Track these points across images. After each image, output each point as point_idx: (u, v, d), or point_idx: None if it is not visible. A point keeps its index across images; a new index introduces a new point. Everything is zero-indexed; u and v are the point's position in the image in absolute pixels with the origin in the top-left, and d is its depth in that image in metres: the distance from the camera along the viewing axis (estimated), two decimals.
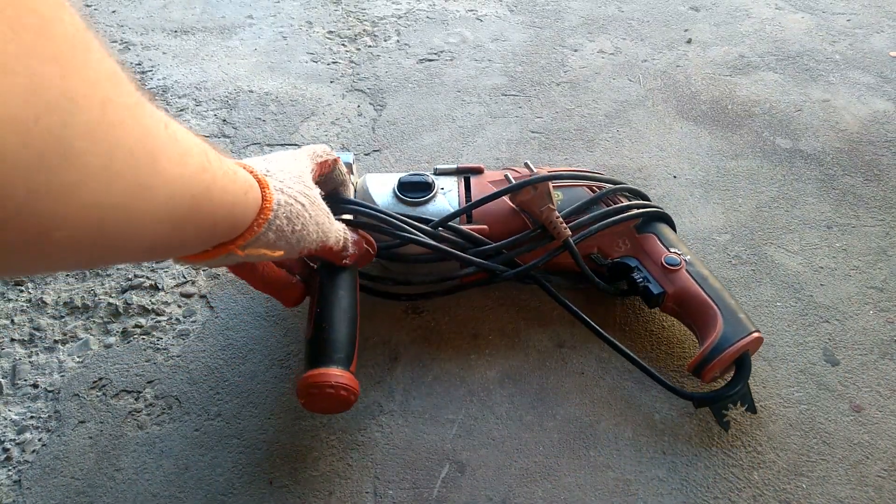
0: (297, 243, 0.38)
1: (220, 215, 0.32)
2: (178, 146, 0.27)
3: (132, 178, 0.24)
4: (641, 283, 0.50)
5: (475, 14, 0.96)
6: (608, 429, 0.47)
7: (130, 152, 0.23)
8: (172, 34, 0.92)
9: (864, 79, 0.81)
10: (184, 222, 0.29)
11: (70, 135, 0.20)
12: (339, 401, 0.41)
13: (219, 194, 0.31)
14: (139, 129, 0.24)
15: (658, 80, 0.82)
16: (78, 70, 0.20)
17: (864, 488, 0.43)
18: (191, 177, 0.28)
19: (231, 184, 0.32)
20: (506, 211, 0.53)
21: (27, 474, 0.45)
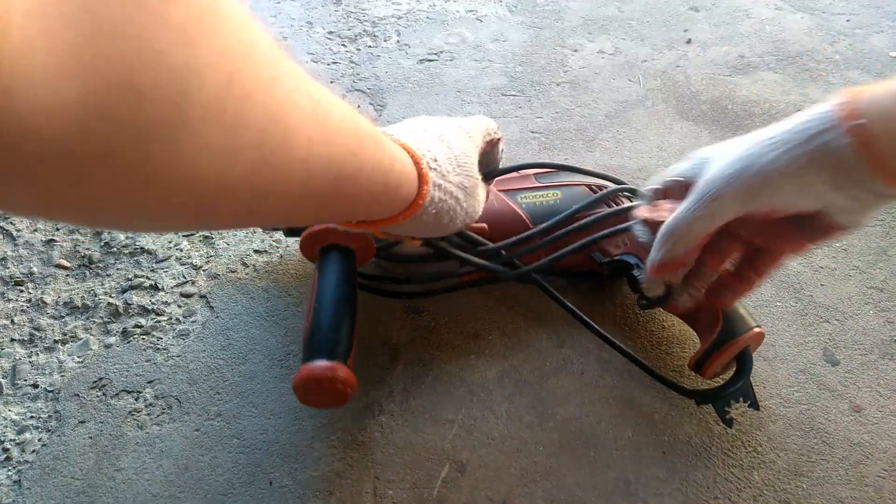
0: (437, 231, 0.38)
1: (361, 203, 0.31)
2: (323, 126, 0.26)
3: (258, 155, 0.22)
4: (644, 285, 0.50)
5: (475, 14, 0.96)
6: (608, 429, 0.47)
7: (258, 129, 0.22)
8: None
9: (864, 79, 0.81)
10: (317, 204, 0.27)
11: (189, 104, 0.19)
12: (336, 394, 0.41)
13: (365, 183, 0.29)
14: (273, 104, 0.23)
15: (658, 81, 0.82)
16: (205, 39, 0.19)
17: (864, 488, 0.43)
18: (333, 160, 0.27)
19: (382, 175, 0.31)
20: (506, 209, 0.53)
21: (27, 474, 0.45)
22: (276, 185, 0.24)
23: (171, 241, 0.62)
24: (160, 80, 0.18)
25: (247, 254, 0.60)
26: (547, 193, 0.54)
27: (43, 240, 0.62)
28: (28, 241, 0.62)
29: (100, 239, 0.62)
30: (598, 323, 0.50)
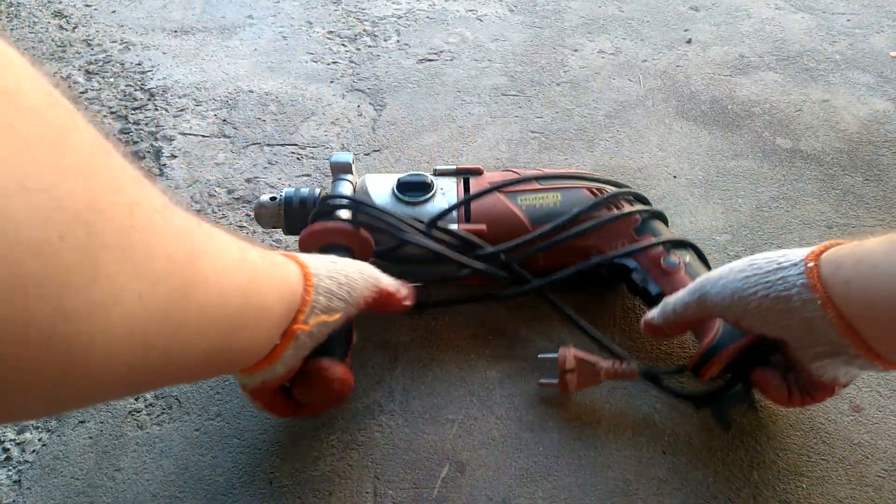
0: (350, 295, 0.38)
1: (271, 299, 0.31)
2: (214, 241, 0.26)
3: (172, 282, 0.21)
4: (641, 284, 0.50)
5: (475, 14, 0.96)
6: (608, 429, 0.47)
7: (167, 256, 0.21)
8: (172, 34, 0.92)
9: (864, 79, 0.81)
10: (238, 317, 0.27)
11: (98, 246, 0.18)
12: (333, 394, 0.41)
13: (264, 278, 0.29)
14: (173, 229, 0.22)
15: (658, 80, 0.82)
16: (101, 177, 0.18)
17: (863, 488, 0.43)
18: (234, 269, 0.27)
19: (270, 265, 0.31)
20: (505, 211, 0.53)
21: (27, 474, 0.45)
22: (196, 309, 0.23)
23: None
24: (65, 230, 0.17)
25: None
26: (547, 196, 0.54)
27: None
28: None
29: None
30: (597, 325, 0.50)
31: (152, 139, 0.74)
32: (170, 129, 0.75)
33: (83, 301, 0.18)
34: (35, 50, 0.88)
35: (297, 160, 0.71)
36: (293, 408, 0.43)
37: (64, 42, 0.90)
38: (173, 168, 0.70)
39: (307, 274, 0.35)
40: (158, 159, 0.71)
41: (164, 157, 0.71)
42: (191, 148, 0.73)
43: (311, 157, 0.71)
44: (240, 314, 0.27)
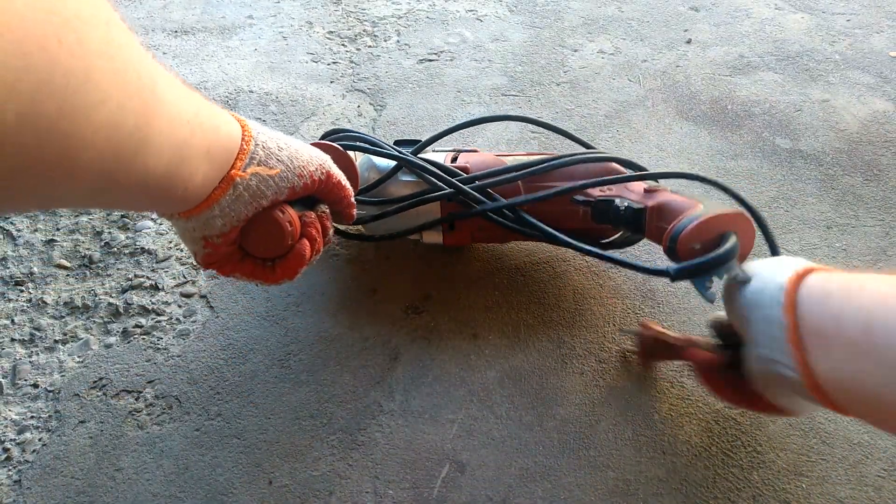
0: (291, 161, 0.38)
1: (213, 139, 0.32)
2: (165, 72, 0.27)
3: (141, 98, 0.23)
4: (624, 209, 0.47)
5: (475, 14, 0.96)
6: (608, 429, 0.47)
7: (138, 73, 0.23)
8: (173, 34, 0.92)
9: (864, 79, 0.81)
10: (185, 147, 0.29)
11: (88, 53, 0.20)
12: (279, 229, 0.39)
13: (207, 119, 0.31)
14: (138, 51, 0.24)
15: (658, 81, 0.82)
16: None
17: (863, 488, 0.44)
18: (184, 102, 0.28)
19: (213, 111, 0.33)
20: (491, 159, 0.54)
21: (27, 474, 0.45)
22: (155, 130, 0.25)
23: (172, 242, 0.62)
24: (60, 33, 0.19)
25: None
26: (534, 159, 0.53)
27: (43, 240, 0.62)
28: (28, 241, 0.62)
29: (100, 239, 0.62)
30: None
31: None
32: None
33: (80, 102, 0.20)
34: None
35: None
36: (249, 265, 0.41)
37: None
38: None
39: (245, 127, 0.36)
40: None
41: None
42: None
43: None
44: (186, 145, 0.29)
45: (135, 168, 0.25)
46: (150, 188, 0.28)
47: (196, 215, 0.35)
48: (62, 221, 0.64)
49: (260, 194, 0.36)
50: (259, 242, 0.39)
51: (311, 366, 0.51)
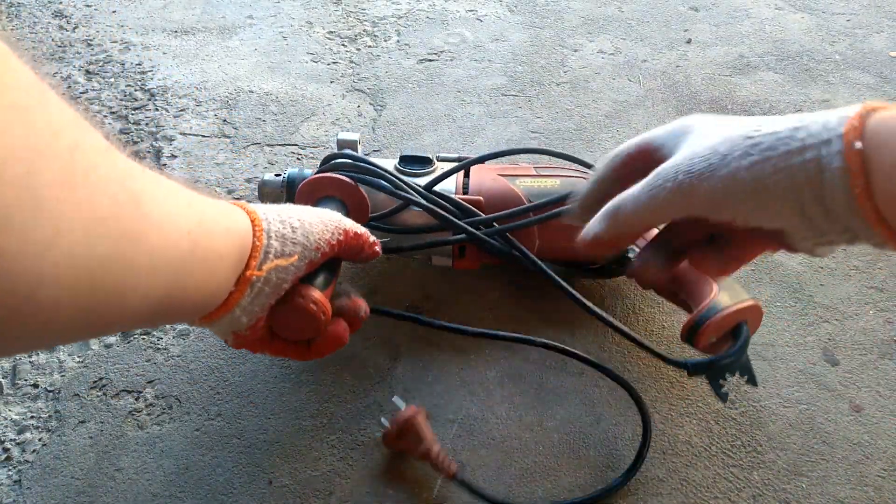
0: (307, 238, 0.37)
1: (221, 244, 0.30)
2: (160, 185, 0.26)
3: (116, 223, 0.22)
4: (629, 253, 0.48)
5: (475, 14, 0.96)
6: (608, 429, 0.47)
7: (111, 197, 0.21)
8: (173, 34, 0.92)
9: (864, 79, 0.82)
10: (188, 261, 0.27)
11: (38, 184, 0.18)
12: (308, 317, 0.38)
13: (212, 224, 0.29)
14: (116, 172, 0.22)
15: (658, 81, 0.82)
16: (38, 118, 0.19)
17: (863, 488, 0.44)
18: (181, 213, 0.27)
19: (218, 212, 0.31)
20: (503, 186, 0.53)
21: (27, 474, 0.45)
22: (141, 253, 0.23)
23: None
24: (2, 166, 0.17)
25: None
26: (545, 181, 0.54)
27: None
28: None
29: None
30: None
31: (152, 139, 0.74)
32: (170, 129, 0.75)
33: (26, 239, 0.18)
34: (35, 50, 0.88)
35: (298, 160, 0.71)
36: (281, 344, 0.41)
37: (64, 42, 0.90)
38: (173, 168, 0.70)
39: (256, 219, 0.34)
40: (158, 159, 0.71)
41: (165, 157, 0.72)
42: (191, 148, 0.73)
43: (311, 158, 0.71)
44: (190, 258, 0.27)
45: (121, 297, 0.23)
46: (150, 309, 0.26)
47: (217, 319, 0.34)
48: None
49: (280, 283, 0.35)
50: (290, 329, 0.39)
51: (311, 366, 0.51)
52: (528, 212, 0.51)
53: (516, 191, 0.53)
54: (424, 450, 0.43)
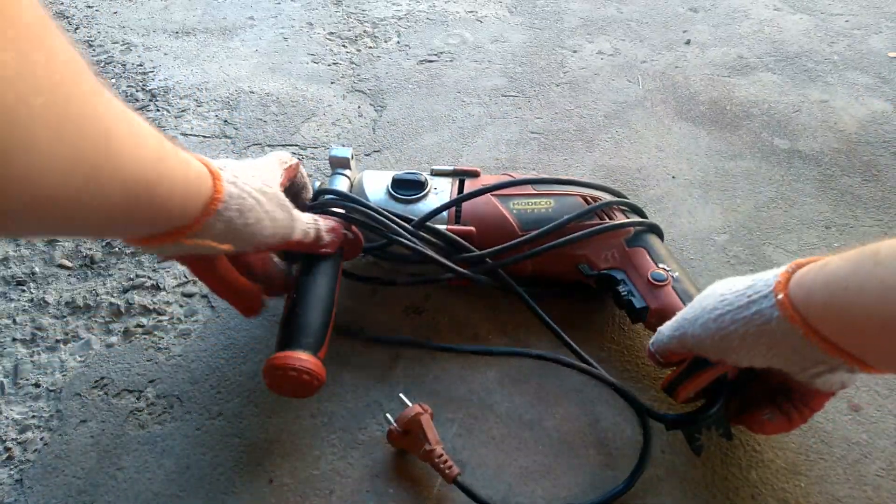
0: (251, 237, 0.39)
1: (172, 202, 0.32)
2: (133, 131, 0.28)
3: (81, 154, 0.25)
4: (626, 297, 0.48)
5: (475, 15, 0.96)
6: (607, 428, 0.47)
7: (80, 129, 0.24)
8: (174, 35, 0.92)
9: (863, 79, 0.82)
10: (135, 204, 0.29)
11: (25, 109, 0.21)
12: (303, 385, 0.41)
13: (168, 183, 0.31)
14: (91, 109, 0.25)
15: (657, 81, 0.82)
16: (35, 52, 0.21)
17: (862, 487, 0.44)
18: (145, 161, 0.29)
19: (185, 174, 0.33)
20: (495, 214, 0.53)
21: (29, 473, 0.46)
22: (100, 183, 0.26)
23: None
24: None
25: None
26: (540, 201, 0.53)
27: (45, 240, 0.63)
28: (30, 240, 0.63)
29: (101, 239, 0.62)
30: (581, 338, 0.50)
31: None
32: (171, 129, 0.76)
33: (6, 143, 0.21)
34: None
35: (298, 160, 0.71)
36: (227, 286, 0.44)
37: None
38: None
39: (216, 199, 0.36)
40: None
41: None
42: (192, 148, 0.73)
43: (311, 158, 0.71)
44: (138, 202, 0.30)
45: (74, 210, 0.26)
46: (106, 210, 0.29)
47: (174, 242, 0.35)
48: None
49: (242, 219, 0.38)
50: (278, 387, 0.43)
51: None
52: (522, 245, 0.51)
53: (508, 218, 0.52)
54: (427, 450, 0.43)
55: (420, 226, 0.51)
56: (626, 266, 0.50)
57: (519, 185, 0.54)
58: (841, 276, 0.30)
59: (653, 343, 0.43)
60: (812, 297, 0.32)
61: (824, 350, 0.32)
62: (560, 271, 0.53)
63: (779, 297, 0.33)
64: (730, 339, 0.36)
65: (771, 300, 0.33)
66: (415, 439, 0.43)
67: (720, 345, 0.36)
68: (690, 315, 0.39)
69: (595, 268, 0.51)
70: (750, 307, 0.34)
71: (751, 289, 0.35)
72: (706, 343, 0.37)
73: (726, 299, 0.36)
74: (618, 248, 0.51)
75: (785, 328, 0.33)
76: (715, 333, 0.36)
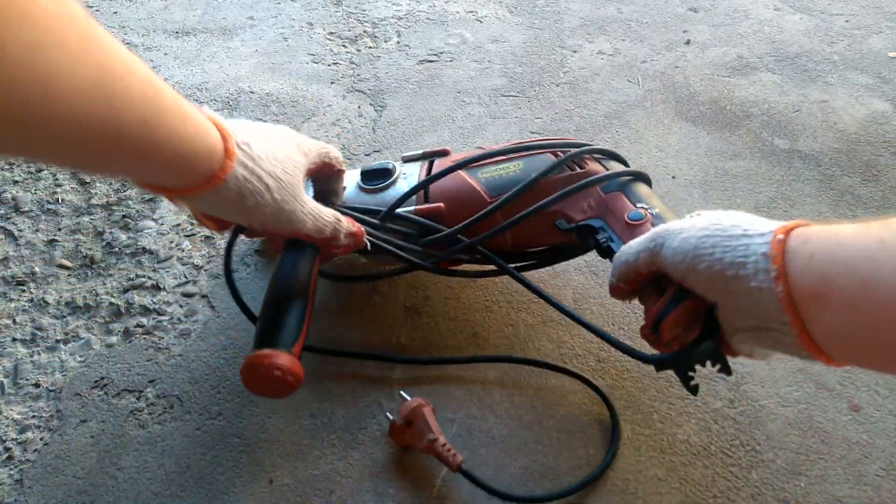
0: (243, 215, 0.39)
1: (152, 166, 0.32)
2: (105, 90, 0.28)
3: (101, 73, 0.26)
4: (604, 244, 0.45)
5: (475, 15, 0.96)
6: (607, 428, 0.47)
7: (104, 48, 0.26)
8: (174, 35, 0.92)
9: (863, 79, 0.82)
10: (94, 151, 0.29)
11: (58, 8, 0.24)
12: (280, 383, 0.40)
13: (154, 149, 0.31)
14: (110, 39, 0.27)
15: (657, 81, 0.82)
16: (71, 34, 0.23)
17: (862, 487, 0.44)
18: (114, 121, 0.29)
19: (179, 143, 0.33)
20: (462, 185, 0.50)
21: (29, 473, 0.45)
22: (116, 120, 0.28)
23: (173, 242, 0.62)
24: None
25: (248, 254, 0.60)
26: (508, 166, 0.50)
27: (45, 240, 0.63)
28: (30, 241, 0.63)
29: (101, 239, 0.62)
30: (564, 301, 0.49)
31: None
32: None
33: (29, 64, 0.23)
34: None
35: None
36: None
37: None
38: None
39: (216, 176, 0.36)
40: None
41: None
42: None
43: None
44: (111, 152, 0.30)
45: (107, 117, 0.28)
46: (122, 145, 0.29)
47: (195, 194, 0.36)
48: (63, 221, 0.64)
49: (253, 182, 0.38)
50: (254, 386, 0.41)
51: (311, 365, 0.51)
52: (494, 212, 0.48)
53: (475, 186, 0.50)
54: (430, 441, 0.43)
55: (388, 217, 0.49)
56: (603, 213, 0.47)
57: (488, 157, 0.51)
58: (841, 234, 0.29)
59: (614, 267, 0.40)
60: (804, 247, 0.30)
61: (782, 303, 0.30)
62: (539, 234, 0.50)
63: (778, 237, 0.31)
64: (701, 259, 0.34)
65: (766, 238, 0.32)
66: (417, 431, 0.43)
67: (690, 262, 0.34)
68: (675, 227, 0.36)
69: (572, 221, 0.48)
70: (740, 238, 0.33)
71: (750, 225, 0.33)
72: (678, 257, 0.35)
73: (720, 224, 0.34)
74: (593, 197, 0.47)
75: (760, 267, 0.31)
76: (691, 250, 0.34)
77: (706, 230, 0.35)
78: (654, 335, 0.38)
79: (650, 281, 0.39)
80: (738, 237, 0.33)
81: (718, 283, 0.34)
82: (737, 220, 0.35)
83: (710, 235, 0.34)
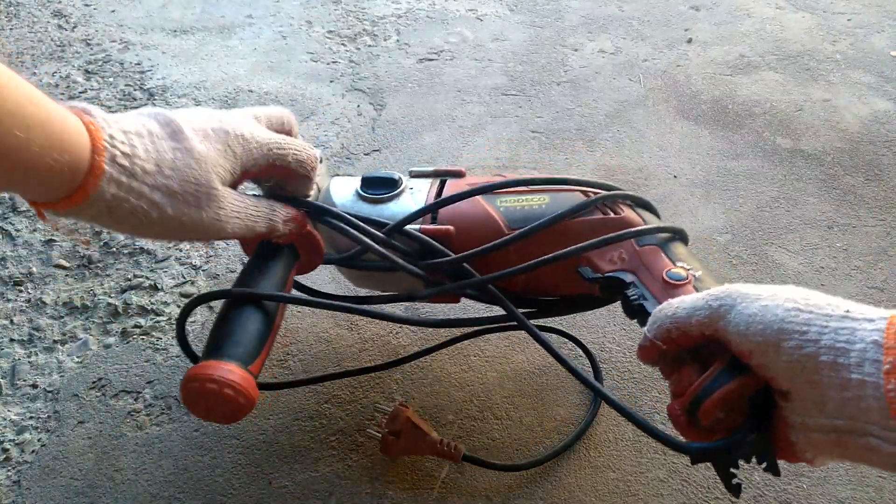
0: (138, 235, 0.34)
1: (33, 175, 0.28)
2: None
3: None
4: (636, 302, 0.39)
5: (475, 13, 0.96)
6: (608, 429, 0.47)
7: None
8: (172, 34, 0.92)
9: (865, 78, 0.81)
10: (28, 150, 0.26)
11: None
12: (229, 404, 0.33)
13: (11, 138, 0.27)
14: None
15: (658, 80, 0.82)
16: None
17: (864, 489, 0.43)
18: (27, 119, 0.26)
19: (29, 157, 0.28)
20: (478, 211, 0.44)
21: (26, 474, 0.45)
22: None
23: (171, 242, 0.62)
24: None
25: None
26: (532, 198, 0.45)
27: (42, 240, 0.62)
28: (27, 240, 0.62)
29: (99, 239, 0.62)
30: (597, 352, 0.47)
31: None
32: None
33: None
34: (34, 50, 0.88)
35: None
36: None
37: (63, 42, 0.90)
38: None
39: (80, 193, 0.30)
40: None
41: None
42: None
43: None
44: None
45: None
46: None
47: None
48: (61, 221, 0.64)
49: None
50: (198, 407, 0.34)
51: (310, 366, 0.51)
52: (508, 245, 0.42)
53: (493, 215, 0.44)
54: (429, 441, 0.43)
55: (395, 230, 0.43)
56: (635, 268, 0.41)
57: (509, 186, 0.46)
58: None
59: (655, 323, 0.33)
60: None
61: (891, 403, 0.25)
62: (559, 279, 0.44)
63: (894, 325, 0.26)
64: (789, 338, 0.28)
65: (877, 325, 0.27)
66: (410, 438, 0.43)
67: (773, 337, 0.29)
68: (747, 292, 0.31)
69: (598, 270, 0.42)
70: (843, 321, 0.28)
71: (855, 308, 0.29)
72: (755, 328, 0.29)
73: (813, 301, 0.29)
74: (626, 247, 0.42)
75: (868, 357, 0.26)
76: (776, 324, 0.29)
77: (795, 302, 0.29)
78: (689, 416, 0.32)
79: (691, 348, 0.33)
80: (840, 318, 0.28)
81: (805, 369, 0.28)
82: (831, 299, 0.29)
83: (801, 310, 0.29)
